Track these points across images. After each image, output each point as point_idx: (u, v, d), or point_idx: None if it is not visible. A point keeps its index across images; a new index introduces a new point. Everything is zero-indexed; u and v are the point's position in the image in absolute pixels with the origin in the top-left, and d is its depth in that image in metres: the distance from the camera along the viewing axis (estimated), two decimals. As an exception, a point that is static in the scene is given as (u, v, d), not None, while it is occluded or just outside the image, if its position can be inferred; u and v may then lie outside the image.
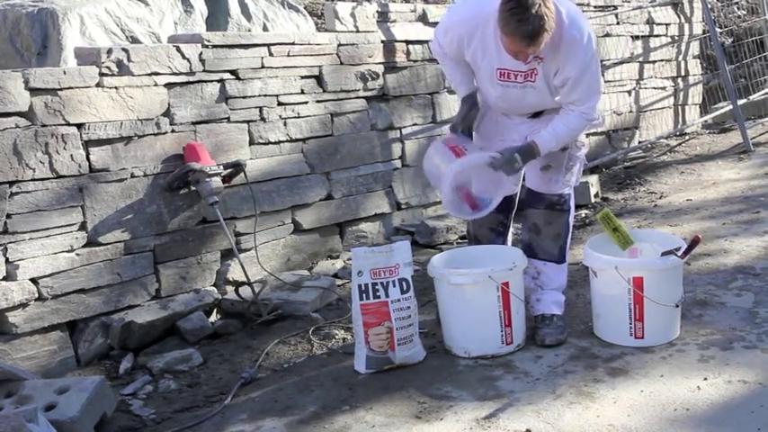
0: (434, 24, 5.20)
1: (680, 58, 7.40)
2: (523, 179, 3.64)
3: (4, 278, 3.34)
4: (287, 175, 4.42)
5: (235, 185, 4.12)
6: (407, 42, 5.06)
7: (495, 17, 3.00)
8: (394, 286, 3.19)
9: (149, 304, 3.79)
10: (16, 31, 4.05)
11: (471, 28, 3.23)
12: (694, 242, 3.27)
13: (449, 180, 3.31)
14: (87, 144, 3.59)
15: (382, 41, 4.91)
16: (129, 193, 3.74)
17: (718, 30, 7.57)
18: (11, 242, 3.35)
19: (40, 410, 2.79)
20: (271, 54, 4.29)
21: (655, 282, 3.19)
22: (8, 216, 3.34)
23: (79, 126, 3.55)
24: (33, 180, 3.41)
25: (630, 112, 6.91)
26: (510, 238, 3.76)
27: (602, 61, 6.50)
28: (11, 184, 3.34)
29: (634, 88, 6.94)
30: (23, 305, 3.39)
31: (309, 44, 4.49)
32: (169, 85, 3.88)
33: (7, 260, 3.34)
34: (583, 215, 5.30)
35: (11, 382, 3.06)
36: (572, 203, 3.60)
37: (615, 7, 6.70)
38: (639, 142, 6.98)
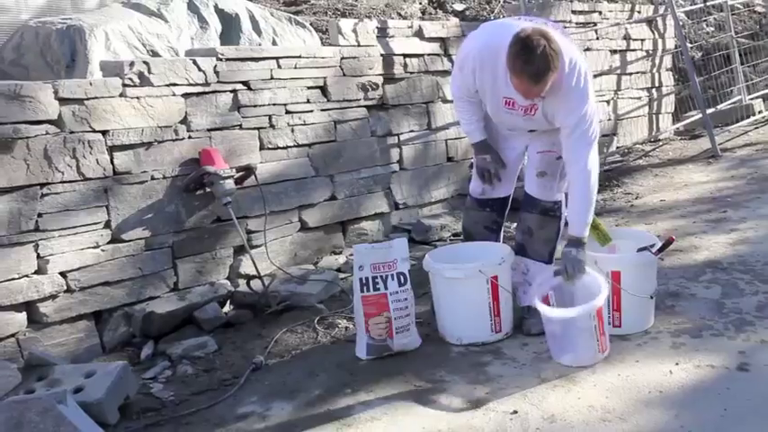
0: (430, 40, 5.22)
1: (654, 70, 7.41)
2: (520, 180, 3.63)
3: (36, 272, 3.34)
4: (294, 177, 4.42)
5: (246, 187, 4.12)
6: (405, 56, 5.06)
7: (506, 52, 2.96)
8: (392, 280, 3.20)
9: (168, 296, 3.80)
10: (47, 47, 4.05)
11: (485, 56, 3.17)
12: (668, 242, 3.28)
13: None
14: (111, 149, 3.59)
15: (381, 55, 4.91)
16: (150, 194, 3.74)
17: (689, 45, 7.57)
18: (42, 239, 3.35)
19: (69, 393, 2.79)
20: (279, 66, 4.29)
21: (631, 275, 3.20)
22: (39, 215, 3.34)
23: (104, 133, 3.56)
24: (62, 182, 3.41)
25: (609, 119, 6.92)
26: (501, 235, 3.77)
27: (582, 73, 6.53)
28: (42, 185, 3.35)
29: (612, 98, 6.95)
30: (53, 297, 3.40)
31: (315, 57, 4.50)
32: (186, 95, 3.88)
33: (39, 255, 3.35)
34: (566, 214, 5.29)
35: (42, 367, 3.07)
36: (564, 210, 3.51)
37: (595, 24, 6.71)
38: (617, 147, 6.99)
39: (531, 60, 2.84)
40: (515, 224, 3.73)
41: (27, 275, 3.31)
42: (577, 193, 3.21)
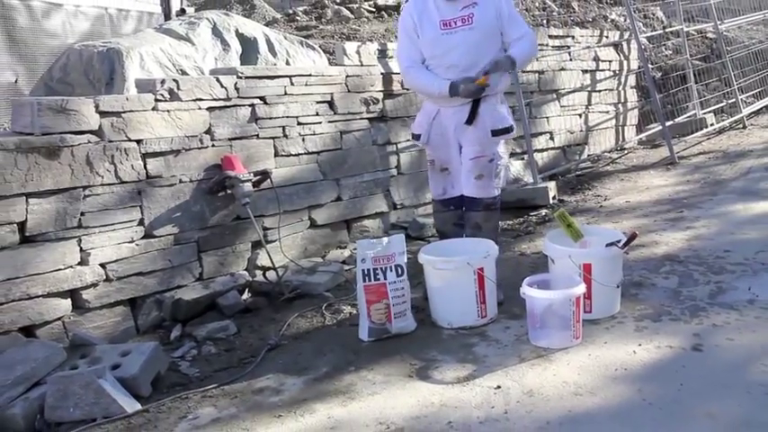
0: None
1: (620, 88, 7.41)
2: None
3: (79, 263, 3.34)
4: (304, 181, 4.42)
5: (262, 189, 4.11)
6: (402, 75, 5.05)
7: None
8: (391, 271, 3.20)
9: (194, 285, 3.79)
10: (90, 66, 4.04)
11: (413, 10, 3.46)
12: (632, 237, 3.29)
13: None
14: (145, 156, 3.59)
15: (382, 73, 4.90)
16: (178, 196, 3.74)
17: (650, 66, 7.58)
18: (84, 235, 3.35)
19: (108, 369, 2.81)
20: (292, 84, 4.28)
21: (600, 267, 3.20)
22: (82, 214, 3.34)
23: (138, 141, 3.55)
24: (102, 185, 3.41)
25: (581, 131, 6.91)
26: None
27: (557, 90, 6.54)
28: (84, 188, 3.34)
29: (584, 112, 6.94)
30: (94, 285, 3.39)
31: (323, 75, 4.49)
32: (210, 109, 3.88)
33: (81, 249, 3.35)
34: (543, 213, 5.30)
35: (84, 347, 3.08)
36: (500, 204, 3.68)
37: (569, 47, 6.70)
38: (588, 155, 6.98)
39: None
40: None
41: (71, 267, 3.31)
42: (524, 44, 3.46)
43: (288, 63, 4.74)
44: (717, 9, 8.12)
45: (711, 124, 7.75)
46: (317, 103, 4.46)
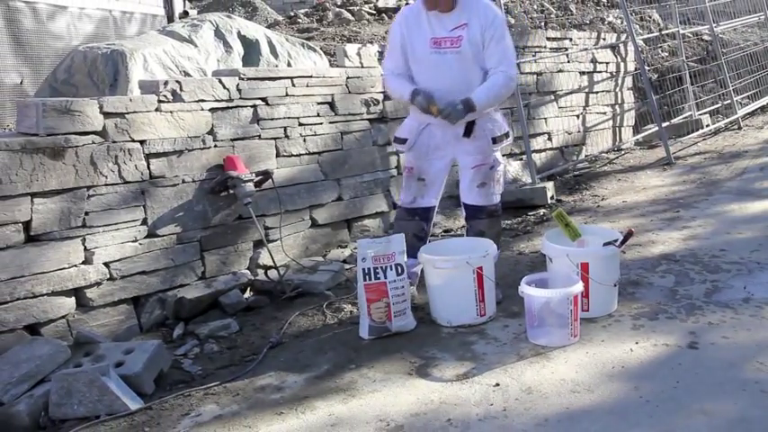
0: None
1: (617, 89, 7.40)
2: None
3: (83, 262, 3.34)
4: (306, 181, 4.41)
5: (264, 189, 4.11)
6: (402, 76, 5.04)
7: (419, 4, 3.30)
8: (391, 270, 3.19)
9: (196, 283, 3.79)
10: (93, 68, 4.04)
11: (404, 23, 3.42)
12: (629, 235, 3.29)
13: None
14: (148, 156, 3.58)
15: (382, 75, 4.88)
16: (181, 195, 3.73)
17: (647, 67, 7.58)
18: (88, 234, 3.35)
19: (112, 367, 2.81)
20: (293, 85, 4.28)
21: (597, 266, 3.20)
22: (86, 213, 3.33)
23: (142, 142, 3.55)
24: (106, 185, 3.40)
25: (579, 131, 6.91)
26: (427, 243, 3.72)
27: (555, 92, 6.54)
28: (88, 188, 3.34)
29: (581, 113, 6.93)
30: (98, 284, 3.39)
31: (324, 77, 4.49)
32: (213, 110, 3.87)
33: (86, 248, 3.34)
34: (541, 213, 5.30)
35: (89, 344, 3.08)
36: (501, 207, 3.68)
37: (566, 49, 6.70)
38: (585, 156, 6.98)
39: None
40: (466, 232, 3.75)
41: (76, 265, 3.31)
42: (492, 83, 3.32)
43: (289, 65, 4.74)
44: (712, 12, 8.13)
45: (707, 125, 7.75)
46: (318, 104, 4.45)
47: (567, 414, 2.42)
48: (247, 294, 3.88)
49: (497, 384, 2.66)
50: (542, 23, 7.64)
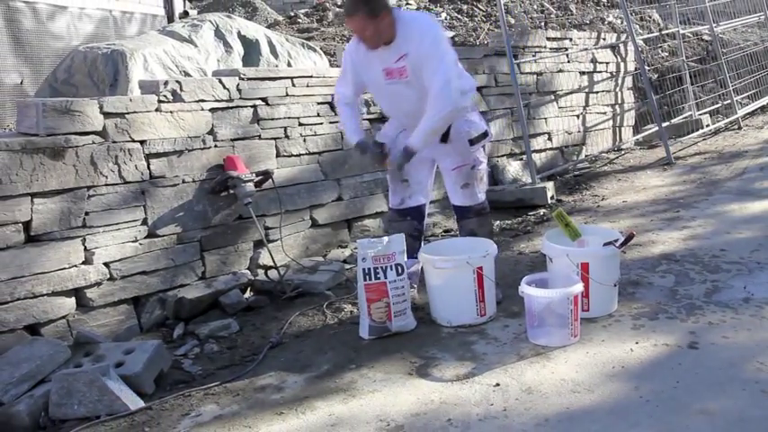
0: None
1: (617, 89, 7.40)
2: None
3: (83, 262, 3.34)
4: (306, 181, 4.41)
5: (264, 189, 4.11)
6: (402, 76, 5.03)
7: None
8: (391, 270, 3.19)
9: (197, 283, 3.79)
10: (93, 68, 4.04)
11: (354, 53, 3.39)
12: (629, 237, 3.29)
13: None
14: (148, 156, 3.58)
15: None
16: (181, 196, 3.73)
17: (647, 67, 7.57)
18: (88, 234, 3.35)
19: (112, 367, 2.80)
20: (293, 85, 4.28)
21: (598, 266, 3.19)
22: (86, 213, 3.33)
23: (142, 142, 3.55)
24: (106, 185, 3.41)
25: (579, 131, 6.91)
26: (422, 242, 3.75)
27: (555, 92, 6.53)
28: (88, 188, 3.34)
29: (581, 113, 6.93)
30: (98, 284, 3.39)
31: (324, 77, 4.48)
32: (213, 110, 3.87)
33: (86, 248, 3.34)
34: (541, 213, 5.29)
35: (89, 344, 3.08)
36: (487, 204, 3.67)
37: (566, 49, 6.70)
38: (585, 156, 6.98)
39: (345, 5, 3.24)
40: (459, 231, 3.76)
41: (76, 265, 3.31)
42: (427, 117, 3.24)
43: (289, 65, 4.75)
44: (712, 12, 8.13)
45: (707, 125, 7.75)
46: (318, 104, 4.45)
47: (568, 414, 2.42)
48: (247, 294, 3.88)
49: (497, 384, 2.66)
50: (542, 23, 7.65)
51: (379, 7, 3.14)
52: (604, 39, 7.28)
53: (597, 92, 7.10)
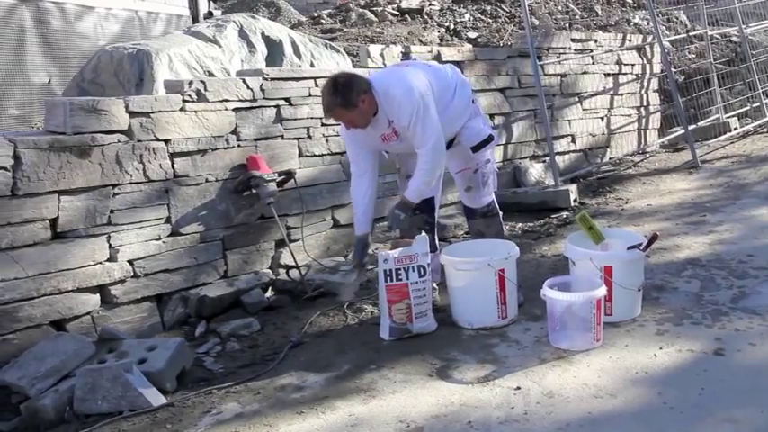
0: (446, 63, 5.19)
1: (642, 91, 7.32)
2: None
3: (108, 260, 3.38)
4: (328, 181, 4.43)
5: (286, 189, 4.13)
6: (425, 77, 5.03)
7: None
8: (413, 271, 3.19)
9: (219, 282, 3.82)
10: (120, 68, 4.09)
11: (350, 131, 3.38)
12: (653, 239, 3.26)
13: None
14: (172, 155, 3.62)
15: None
16: (204, 195, 3.77)
17: (673, 69, 7.49)
18: (113, 232, 3.39)
19: (135, 363, 2.84)
20: (316, 85, 4.29)
21: (621, 270, 3.16)
22: (111, 211, 3.38)
23: (166, 141, 3.59)
24: (131, 183, 3.45)
25: (603, 134, 6.85)
26: (436, 233, 3.82)
27: (579, 94, 6.48)
28: (114, 186, 3.39)
29: (606, 115, 6.87)
30: (122, 281, 3.44)
31: (347, 78, 4.49)
32: (236, 110, 3.90)
33: (110, 246, 3.39)
34: (564, 216, 5.26)
35: (112, 341, 3.12)
36: (497, 207, 3.71)
37: (591, 51, 6.65)
38: (610, 158, 6.91)
39: (322, 101, 3.23)
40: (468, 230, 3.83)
41: (101, 263, 3.36)
42: (416, 174, 3.35)
43: (312, 65, 4.76)
44: (741, 13, 8.00)
45: (735, 128, 7.63)
46: (341, 104, 4.46)
47: (590, 419, 2.40)
48: (269, 294, 3.90)
49: (518, 387, 2.65)
50: (567, 25, 7.59)
51: (354, 96, 3.15)
52: (630, 40, 7.21)
53: (622, 94, 7.03)
